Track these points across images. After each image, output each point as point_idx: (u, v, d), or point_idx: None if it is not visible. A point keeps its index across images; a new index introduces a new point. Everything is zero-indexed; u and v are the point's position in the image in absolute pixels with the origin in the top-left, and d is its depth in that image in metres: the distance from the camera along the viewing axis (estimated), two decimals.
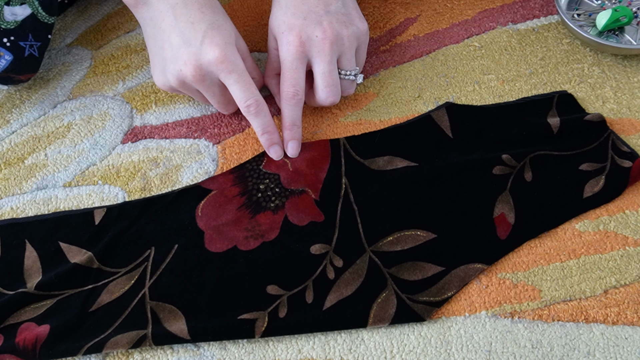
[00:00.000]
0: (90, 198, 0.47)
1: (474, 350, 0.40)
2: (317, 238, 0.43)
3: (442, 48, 0.55)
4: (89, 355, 0.40)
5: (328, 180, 0.46)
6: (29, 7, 0.48)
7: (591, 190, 0.45)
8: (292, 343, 0.40)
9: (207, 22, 0.43)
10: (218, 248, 0.43)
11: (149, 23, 0.46)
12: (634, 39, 0.53)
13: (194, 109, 0.52)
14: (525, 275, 0.42)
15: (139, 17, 0.47)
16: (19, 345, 0.39)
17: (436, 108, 0.51)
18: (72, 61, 0.56)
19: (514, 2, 0.58)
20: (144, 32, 0.47)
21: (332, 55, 0.45)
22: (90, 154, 0.50)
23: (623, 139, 0.48)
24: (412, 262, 0.42)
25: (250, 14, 0.58)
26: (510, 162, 0.46)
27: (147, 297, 0.41)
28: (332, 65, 0.46)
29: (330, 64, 0.45)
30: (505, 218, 0.44)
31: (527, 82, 0.52)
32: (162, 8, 0.44)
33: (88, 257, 0.43)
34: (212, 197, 0.46)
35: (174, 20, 0.43)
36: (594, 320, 0.40)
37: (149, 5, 0.45)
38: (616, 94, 0.51)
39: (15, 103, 0.53)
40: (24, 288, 0.42)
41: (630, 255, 0.43)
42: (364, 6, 0.58)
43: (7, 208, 0.47)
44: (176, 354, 0.40)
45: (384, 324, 0.40)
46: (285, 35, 0.45)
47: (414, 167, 0.46)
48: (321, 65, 0.45)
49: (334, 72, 0.46)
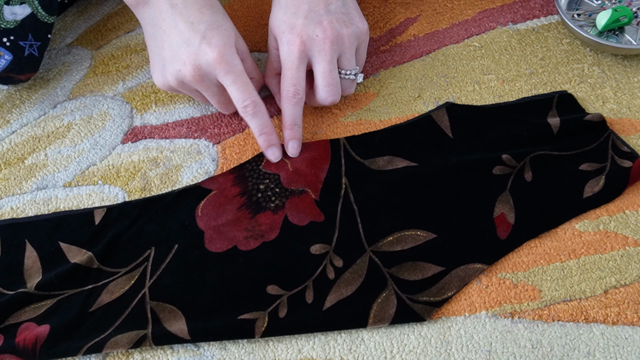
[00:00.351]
0: (90, 198, 0.47)
1: (474, 350, 0.40)
2: (317, 238, 0.43)
3: (442, 48, 0.55)
4: (89, 355, 0.40)
5: (328, 180, 0.46)
6: (29, 7, 0.48)
7: (591, 190, 0.45)
8: (292, 343, 0.40)
9: (206, 23, 0.43)
10: (218, 248, 0.43)
11: (149, 23, 0.46)
12: (634, 39, 0.53)
13: (194, 109, 0.52)
14: (525, 275, 0.42)
15: (139, 17, 0.47)
16: (19, 345, 0.39)
17: (436, 108, 0.51)
18: (72, 61, 0.56)
19: (514, 2, 0.58)
20: (144, 32, 0.47)
21: (333, 55, 0.45)
22: (90, 154, 0.50)
23: (623, 139, 0.48)
24: (412, 262, 0.42)
25: (250, 14, 0.58)
26: (510, 162, 0.46)
27: (147, 297, 0.41)
28: (332, 65, 0.46)
29: (330, 64, 0.45)
30: (505, 218, 0.44)
31: (527, 82, 0.52)
32: (163, 8, 0.44)
33: (88, 257, 0.43)
34: (212, 197, 0.46)
35: (174, 21, 0.44)
36: (594, 320, 0.40)
37: (149, 5, 0.45)
38: (616, 94, 0.51)
39: (15, 103, 0.53)
40: (24, 288, 0.42)
41: (630, 255, 0.43)
42: (364, 6, 0.57)
43: (7, 208, 0.47)
44: (176, 354, 0.40)
45: (384, 324, 0.40)
46: (285, 35, 0.45)
47: (414, 167, 0.46)
48: (321, 64, 0.45)
49: (334, 71, 0.46)
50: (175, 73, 0.44)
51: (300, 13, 0.45)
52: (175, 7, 0.44)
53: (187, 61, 0.43)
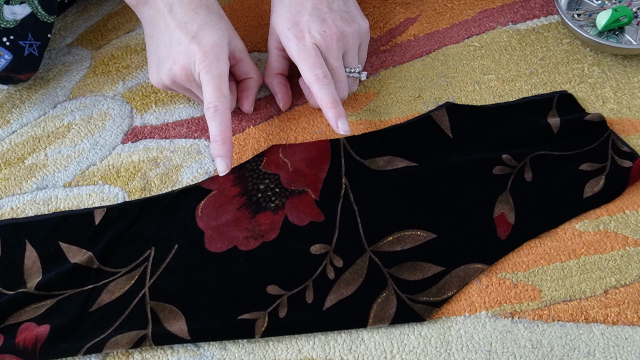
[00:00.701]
0: (90, 198, 0.47)
1: (474, 350, 0.40)
2: (317, 238, 0.43)
3: (442, 48, 0.55)
4: (89, 355, 0.40)
5: (328, 180, 0.46)
6: (29, 6, 0.48)
7: (591, 190, 0.45)
8: (292, 343, 0.40)
9: (199, 23, 0.44)
10: (218, 248, 0.43)
11: (148, 22, 0.47)
12: (634, 39, 0.53)
13: (194, 109, 0.52)
14: (526, 275, 0.42)
15: (140, 16, 0.48)
16: (19, 345, 0.39)
17: (436, 108, 0.51)
18: (72, 61, 0.56)
19: (514, 2, 0.58)
20: (144, 32, 0.48)
21: (339, 52, 0.46)
22: (90, 154, 0.50)
23: (623, 139, 0.48)
24: (412, 262, 0.42)
25: (250, 14, 0.58)
26: (511, 162, 0.46)
27: (147, 297, 0.41)
28: (339, 62, 0.46)
29: (337, 60, 0.46)
30: (505, 218, 0.44)
31: (527, 82, 0.52)
32: (160, 7, 0.45)
33: (88, 257, 0.43)
34: (212, 197, 0.46)
35: (169, 20, 0.44)
36: (594, 320, 0.40)
37: (148, 4, 0.46)
38: (616, 94, 0.51)
39: (15, 103, 0.53)
40: (24, 288, 0.42)
41: (630, 255, 0.43)
42: (364, 6, 0.57)
43: (7, 208, 0.47)
44: (176, 354, 0.40)
45: (384, 324, 0.40)
46: (292, 31, 0.45)
47: (414, 167, 0.46)
48: (329, 61, 0.45)
49: (341, 68, 0.46)
50: (167, 72, 0.45)
51: (304, 11, 0.45)
52: (172, 6, 0.44)
53: (177, 60, 0.44)
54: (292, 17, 0.46)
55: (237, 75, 0.49)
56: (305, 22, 0.45)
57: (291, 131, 0.50)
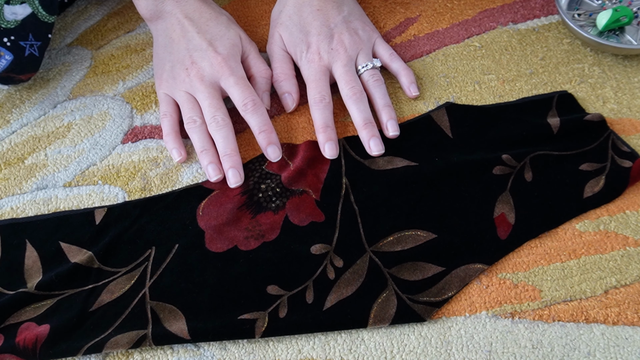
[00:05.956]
0: (90, 198, 0.47)
1: (474, 351, 0.39)
2: (317, 238, 0.43)
3: (442, 48, 0.55)
4: (89, 355, 0.40)
5: (328, 181, 0.46)
6: (29, 7, 0.48)
7: (591, 190, 0.45)
8: (292, 343, 0.40)
9: (211, 34, 0.49)
10: (218, 248, 0.43)
11: (162, 34, 0.50)
12: (635, 39, 0.53)
13: None
14: (526, 276, 0.42)
15: (153, 29, 0.52)
16: (19, 345, 0.39)
17: (436, 108, 0.51)
18: (72, 61, 0.56)
19: (515, 2, 0.58)
20: (155, 42, 0.52)
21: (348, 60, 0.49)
22: (90, 154, 0.50)
23: (623, 139, 0.48)
24: (413, 262, 0.42)
25: (251, 13, 0.58)
26: (511, 162, 0.46)
27: (148, 297, 0.41)
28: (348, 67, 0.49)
29: (346, 66, 0.49)
30: (505, 218, 0.44)
31: (528, 82, 0.52)
32: (174, 21, 0.49)
33: (88, 256, 0.43)
34: (214, 197, 0.46)
35: (182, 31, 0.49)
36: (595, 321, 0.40)
37: (163, 18, 0.50)
38: (617, 94, 0.51)
39: (15, 103, 0.53)
40: (24, 288, 0.42)
41: (630, 255, 0.43)
42: (364, 6, 0.57)
43: (7, 208, 0.47)
44: (176, 354, 0.40)
45: (384, 324, 0.40)
46: (305, 55, 0.50)
47: (414, 166, 0.46)
48: (339, 69, 0.49)
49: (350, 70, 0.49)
50: (181, 71, 0.47)
51: (313, 31, 0.50)
52: (184, 20, 0.49)
53: (196, 60, 0.47)
54: (304, 37, 0.50)
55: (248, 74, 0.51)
56: (315, 43, 0.49)
57: (292, 131, 0.50)
